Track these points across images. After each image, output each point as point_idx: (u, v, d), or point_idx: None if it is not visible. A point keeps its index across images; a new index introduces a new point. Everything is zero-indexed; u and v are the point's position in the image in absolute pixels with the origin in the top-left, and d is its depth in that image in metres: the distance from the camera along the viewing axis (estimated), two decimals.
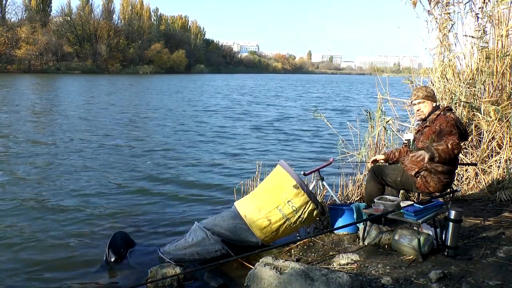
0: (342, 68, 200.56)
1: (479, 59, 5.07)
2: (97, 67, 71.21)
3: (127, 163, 7.55)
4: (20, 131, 10.68)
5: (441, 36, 5.21)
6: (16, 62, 61.05)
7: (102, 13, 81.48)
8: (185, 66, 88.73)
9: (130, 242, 3.87)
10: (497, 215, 3.92)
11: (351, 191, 4.76)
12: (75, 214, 4.82)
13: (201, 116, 15.57)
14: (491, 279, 2.64)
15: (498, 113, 4.61)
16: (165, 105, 19.17)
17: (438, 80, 5.21)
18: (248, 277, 2.80)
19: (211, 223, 3.55)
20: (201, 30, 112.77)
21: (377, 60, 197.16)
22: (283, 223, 3.44)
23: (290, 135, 11.66)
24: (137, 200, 5.45)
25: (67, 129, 11.39)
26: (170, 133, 11.37)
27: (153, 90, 31.06)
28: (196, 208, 5.19)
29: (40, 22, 68.36)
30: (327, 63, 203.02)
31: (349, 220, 3.62)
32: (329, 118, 6.35)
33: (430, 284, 2.60)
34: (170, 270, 3.11)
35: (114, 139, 10.00)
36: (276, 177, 3.63)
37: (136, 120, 13.71)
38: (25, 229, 4.34)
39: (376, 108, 5.15)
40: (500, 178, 4.50)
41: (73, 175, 6.53)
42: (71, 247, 3.94)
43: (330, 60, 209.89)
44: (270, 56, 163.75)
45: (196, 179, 6.60)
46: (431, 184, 3.42)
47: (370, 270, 2.88)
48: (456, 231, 3.00)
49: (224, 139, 10.66)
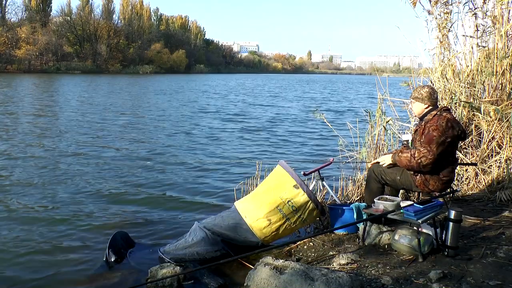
0: (342, 68, 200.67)
1: (479, 59, 5.07)
2: (97, 67, 71.21)
3: (127, 163, 7.55)
4: (17, 132, 10.69)
5: (440, 36, 5.21)
6: (16, 62, 61.07)
7: (102, 13, 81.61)
8: (185, 66, 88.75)
9: (130, 242, 3.87)
10: (497, 215, 3.92)
11: (351, 191, 4.76)
12: (75, 214, 4.82)
13: (201, 117, 15.58)
14: (491, 279, 2.64)
15: (498, 113, 4.61)
16: (164, 107, 19.16)
17: (438, 80, 5.21)
18: (248, 277, 2.80)
19: (211, 223, 3.55)
20: (201, 30, 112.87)
21: (377, 60, 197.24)
22: (283, 223, 3.44)
23: (290, 136, 11.66)
24: (137, 200, 5.45)
25: (66, 130, 11.39)
26: (170, 134, 11.36)
27: (153, 91, 31.05)
28: (196, 208, 5.19)
29: (40, 22, 68.41)
30: (327, 63, 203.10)
31: (349, 220, 3.62)
32: (328, 119, 6.35)
33: (430, 284, 2.60)
34: (170, 270, 3.11)
35: (114, 140, 10.00)
36: (276, 177, 3.63)
37: (135, 122, 13.71)
38: (24, 229, 4.34)
39: (376, 108, 5.16)
40: (500, 178, 4.50)
41: (73, 176, 6.53)
42: (71, 247, 3.94)
43: (330, 60, 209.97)
44: (270, 56, 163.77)
45: (196, 179, 6.60)
46: (431, 183, 3.42)
47: (370, 270, 2.88)
48: (456, 231, 3.00)
49: (224, 140, 10.66)
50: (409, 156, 3.30)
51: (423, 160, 3.26)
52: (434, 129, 3.30)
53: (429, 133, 3.30)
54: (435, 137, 3.27)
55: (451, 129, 3.31)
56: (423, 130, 3.41)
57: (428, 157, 3.25)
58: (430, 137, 3.28)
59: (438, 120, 3.35)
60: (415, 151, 3.30)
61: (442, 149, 3.28)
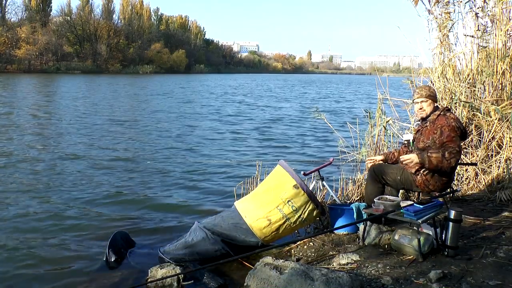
0: (342, 68, 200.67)
1: (479, 59, 5.07)
2: (97, 67, 71.20)
3: (127, 164, 7.55)
4: (17, 132, 10.69)
5: (441, 35, 5.21)
6: (16, 62, 61.05)
7: (102, 13, 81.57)
8: (185, 66, 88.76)
9: (130, 242, 3.88)
10: (497, 215, 3.92)
11: (351, 191, 4.75)
12: (75, 214, 4.83)
13: (201, 117, 15.58)
14: (491, 279, 2.64)
15: (498, 113, 4.61)
16: (163, 107, 19.16)
17: (438, 80, 5.21)
18: (248, 277, 2.80)
19: (211, 223, 3.55)
20: (201, 30, 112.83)
21: (377, 60, 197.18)
22: (283, 223, 3.44)
23: (290, 136, 11.66)
24: (137, 200, 5.45)
25: (65, 130, 11.39)
26: (170, 134, 11.36)
27: (153, 91, 31.07)
28: (196, 208, 5.19)
29: (40, 22, 68.39)
30: (327, 63, 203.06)
31: (349, 220, 3.62)
32: (329, 118, 6.35)
33: (430, 284, 2.60)
34: (170, 270, 3.11)
35: (113, 141, 10.00)
36: (276, 177, 3.63)
37: (135, 122, 13.71)
38: (25, 229, 4.34)
39: (376, 108, 5.16)
40: (500, 178, 4.50)
41: (73, 176, 6.53)
42: (71, 247, 3.95)
43: (330, 60, 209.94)
44: (270, 56, 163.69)
45: (196, 179, 6.60)
46: (431, 183, 3.42)
47: (370, 270, 2.88)
48: (456, 231, 2.99)
49: (224, 140, 10.66)
50: (440, 157, 3.20)
51: (453, 161, 3.24)
52: (447, 128, 3.32)
53: (447, 134, 3.31)
54: (454, 137, 3.30)
55: (458, 129, 3.37)
56: (431, 130, 3.40)
57: (457, 157, 3.26)
58: (450, 138, 3.30)
59: (446, 120, 3.38)
60: (445, 152, 3.22)
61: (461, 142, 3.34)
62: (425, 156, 3.23)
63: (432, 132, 3.40)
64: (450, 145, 3.27)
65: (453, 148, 3.25)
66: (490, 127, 4.72)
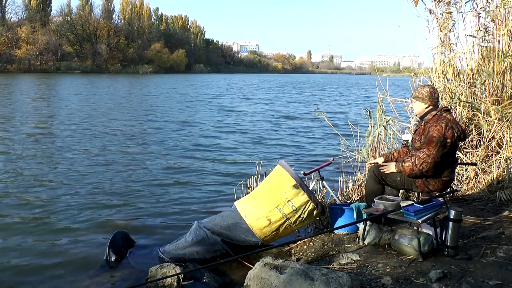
0: (342, 68, 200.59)
1: (479, 59, 5.07)
2: (97, 67, 71.19)
3: (126, 164, 7.55)
4: (17, 132, 10.68)
5: (442, 35, 5.20)
6: (16, 62, 61.07)
7: (102, 13, 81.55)
8: (185, 65, 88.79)
9: (130, 242, 3.88)
10: (497, 215, 3.92)
11: (351, 190, 4.76)
12: (75, 214, 4.82)
13: (201, 117, 15.58)
14: (491, 279, 2.64)
15: (498, 112, 4.61)
16: (163, 107, 19.16)
17: (438, 80, 5.21)
18: (248, 277, 2.80)
19: (211, 223, 3.55)
20: (201, 30, 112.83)
21: (377, 60, 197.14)
22: (283, 223, 3.44)
23: (290, 136, 11.66)
24: (137, 200, 5.45)
25: (65, 131, 11.39)
26: (169, 134, 11.36)
27: (153, 91, 31.05)
28: (196, 208, 5.19)
29: (40, 22, 68.40)
30: (327, 63, 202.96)
31: (349, 220, 3.62)
32: (329, 118, 6.35)
33: (430, 284, 2.60)
34: (170, 270, 3.11)
35: (113, 140, 10.00)
36: (276, 177, 3.63)
37: (135, 122, 13.71)
38: (24, 229, 4.34)
39: (376, 108, 5.16)
40: (500, 178, 4.50)
41: (72, 176, 6.53)
42: (71, 247, 3.95)
43: (330, 60, 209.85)
44: (270, 56, 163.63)
45: (196, 179, 6.60)
46: (431, 183, 3.42)
47: (370, 270, 2.88)
48: (456, 230, 3.00)
49: (223, 140, 10.65)
50: (411, 165, 3.31)
51: (424, 166, 3.27)
52: (433, 130, 3.29)
53: (429, 134, 3.30)
54: (434, 138, 3.26)
55: (451, 130, 3.30)
56: (423, 130, 3.41)
57: (428, 162, 3.26)
58: (430, 138, 3.29)
59: (438, 120, 3.35)
60: (415, 158, 3.29)
61: (443, 150, 3.28)
62: (400, 166, 3.39)
63: (423, 132, 3.40)
64: (423, 150, 3.31)
65: (423, 153, 3.28)
66: (490, 127, 4.72)
